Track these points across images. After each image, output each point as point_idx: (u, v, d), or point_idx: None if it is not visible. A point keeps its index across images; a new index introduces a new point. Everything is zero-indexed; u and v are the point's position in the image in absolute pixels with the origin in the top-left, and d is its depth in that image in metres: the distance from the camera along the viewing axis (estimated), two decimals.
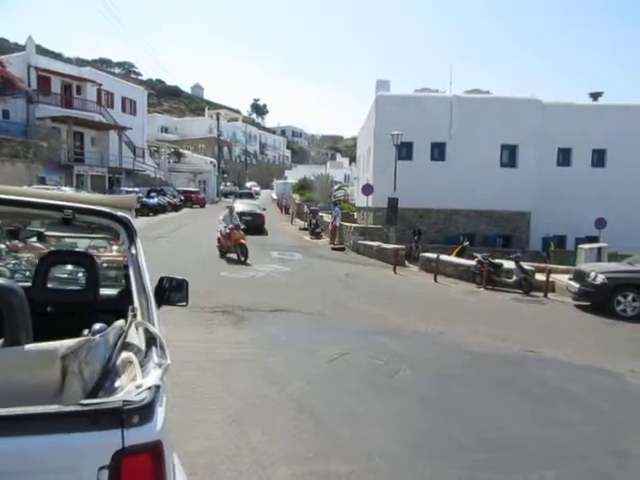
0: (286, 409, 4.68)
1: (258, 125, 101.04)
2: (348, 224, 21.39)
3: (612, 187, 22.34)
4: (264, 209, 27.11)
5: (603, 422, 4.92)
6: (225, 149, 70.18)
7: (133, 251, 2.24)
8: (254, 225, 21.97)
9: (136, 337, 1.71)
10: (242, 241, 14.36)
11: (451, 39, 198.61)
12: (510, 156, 23.24)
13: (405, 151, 22.75)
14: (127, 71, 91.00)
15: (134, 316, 1.86)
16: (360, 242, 18.82)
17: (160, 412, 1.41)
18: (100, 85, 37.28)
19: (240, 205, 25.22)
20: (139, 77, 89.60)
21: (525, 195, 22.43)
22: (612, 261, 13.97)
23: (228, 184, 59.41)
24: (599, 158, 23.65)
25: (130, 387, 1.40)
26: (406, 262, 17.11)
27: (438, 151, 23.44)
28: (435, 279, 13.89)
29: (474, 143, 22.26)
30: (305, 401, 4.88)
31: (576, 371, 6.63)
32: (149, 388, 1.40)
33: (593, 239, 19.77)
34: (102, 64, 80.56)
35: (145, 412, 1.35)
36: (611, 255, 15.31)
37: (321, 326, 8.02)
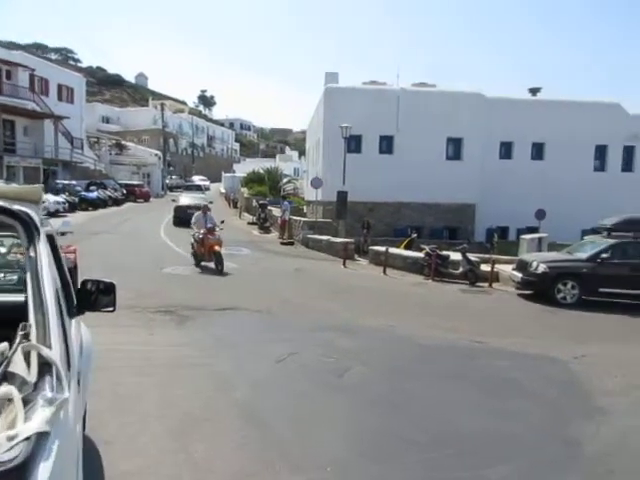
0: (231, 418, 4.38)
1: (205, 117, 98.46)
2: (297, 218, 21.13)
3: (550, 179, 23.34)
4: (211, 202, 26.68)
5: (552, 411, 4.96)
6: (171, 141, 67.91)
7: (32, 254, 1.81)
8: None
9: (22, 365, 1.31)
10: (217, 248, 11.93)
11: (401, 31, 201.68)
12: (455, 149, 23.75)
13: (354, 144, 22.73)
14: (65, 57, 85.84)
15: (24, 336, 1.44)
16: (309, 236, 18.62)
17: (44, 472, 1.03)
18: (33, 70, 34.80)
19: (186, 199, 25.40)
20: (78, 64, 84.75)
21: (470, 187, 23.01)
22: (552, 250, 14.50)
23: (174, 177, 57.59)
24: (538, 151, 24.65)
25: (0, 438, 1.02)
26: (356, 256, 17.07)
27: (386, 144, 23.59)
28: (384, 272, 13.91)
29: (421, 136, 22.55)
30: (252, 408, 4.60)
31: (523, 360, 6.71)
32: (27, 439, 1.02)
33: (533, 229, 20.53)
34: (37, 49, 75.53)
35: (16, 477, 0.96)
36: (550, 245, 15.89)
37: (269, 324, 7.75)
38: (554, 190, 22.83)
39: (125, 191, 36.10)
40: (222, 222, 13.59)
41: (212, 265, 12.11)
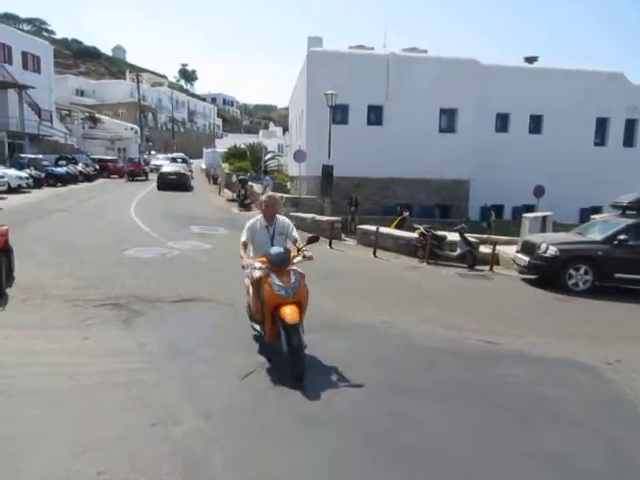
0: (164, 475, 3.01)
1: (186, 92, 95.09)
2: (280, 194, 19.59)
3: (548, 155, 22.06)
4: (190, 170, 32.42)
5: (609, 452, 3.68)
6: (149, 115, 65.25)
7: None
8: (179, 183, 27.34)
9: None
10: (290, 315, 4.48)
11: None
12: (449, 121, 22.28)
13: (340, 115, 21.13)
14: (38, 29, 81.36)
15: None
16: (293, 214, 17.11)
17: None
18: None
19: (167, 167, 30.29)
20: (52, 36, 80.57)
21: (464, 162, 21.65)
22: (556, 231, 13.29)
23: (153, 153, 55.18)
24: (536, 124, 23.30)
25: None
26: (343, 235, 15.74)
27: (375, 115, 21.99)
28: (374, 254, 12.58)
29: (412, 106, 21.01)
30: (198, 454, 3.24)
31: (548, 367, 5.45)
32: None
33: (530, 208, 19.34)
34: (8, 20, 71.15)
35: None
36: (554, 225, 14.71)
37: (240, 322, 6.32)
38: (552, 166, 21.60)
39: (98, 166, 34.02)
40: (314, 239, 5.23)
41: (186, 246, 10.57)
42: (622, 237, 9.80)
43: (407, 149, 20.88)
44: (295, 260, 4.89)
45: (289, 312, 4.42)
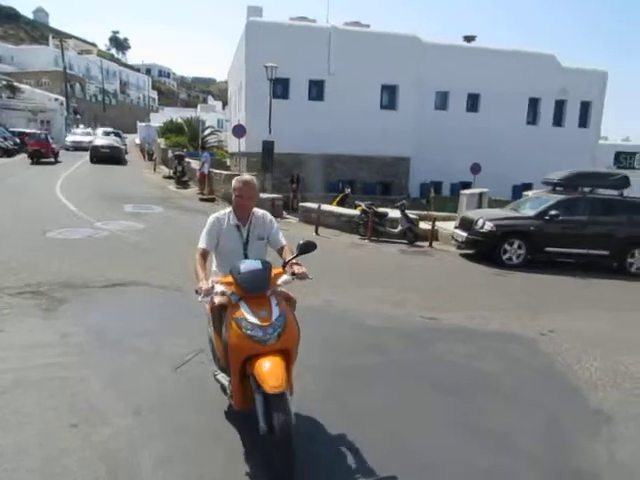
0: None
1: (118, 61, 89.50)
2: (219, 171, 18.93)
3: (484, 133, 22.68)
4: (124, 144, 31.85)
5: (543, 426, 3.75)
6: (77, 86, 60.89)
7: None
8: (112, 156, 27.24)
9: None
10: (275, 386, 2.67)
11: None
12: (390, 98, 22.28)
13: (281, 89, 20.57)
14: None
15: None
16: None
17: None
18: None
19: (99, 140, 30.15)
20: None
21: (405, 140, 21.82)
22: (491, 207, 13.72)
23: (82, 127, 51.73)
24: (473, 103, 23.82)
25: None
26: (285, 213, 15.48)
27: (317, 90, 21.59)
28: (317, 231, 12.45)
29: (354, 82, 20.81)
30: (125, 458, 2.96)
31: (486, 342, 5.56)
32: None
33: (467, 184, 19.89)
34: None
35: None
36: (489, 201, 15.17)
37: (176, 307, 5.99)
38: (487, 144, 22.25)
39: (19, 140, 31.34)
40: (310, 248, 3.35)
41: (117, 226, 9.89)
42: (553, 212, 10.23)
43: (349, 125, 20.73)
44: (280, 281, 3.08)
45: (269, 371, 2.68)
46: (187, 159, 22.13)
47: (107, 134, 35.83)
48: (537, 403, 4.12)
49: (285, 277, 3.12)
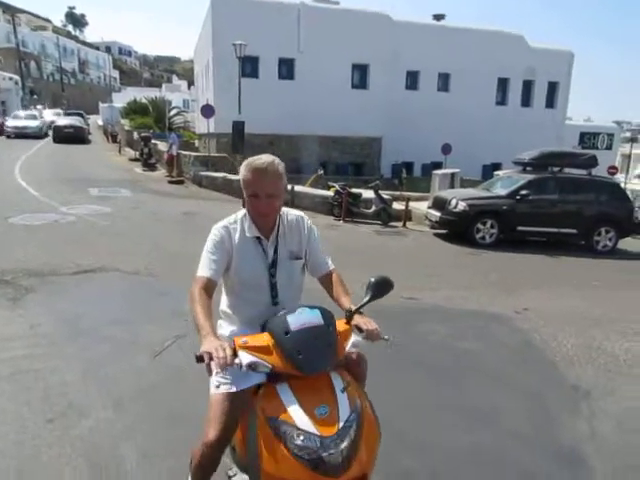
0: None
1: (76, 39, 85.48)
2: (187, 153, 18.43)
3: (454, 113, 22.79)
4: (87, 124, 31.71)
5: (526, 403, 3.81)
6: (32, 64, 58.00)
7: None
8: (75, 136, 27.15)
9: None
10: None
11: None
12: (361, 77, 22.07)
13: (250, 67, 20.08)
14: None
15: None
16: (202, 173, 16.23)
17: None
18: None
19: (62, 120, 30.07)
20: None
21: (376, 120, 21.72)
22: (463, 186, 13.85)
23: (39, 107, 49.38)
24: (444, 82, 23.87)
25: None
26: None
27: (287, 68, 21.17)
28: None
29: (324, 61, 20.49)
30: (107, 452, 2.83)
31: (464, 321, 5.62)
32: None
33: (438, 165, 20.03)
34: None
35: None
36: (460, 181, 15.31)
37: (150, 293, 5.80)
38: (458, 124, 22.39)
39: None
40: (386, 287, 2.17)
41: (83, 210, 9.50)
42: (524, 192, 10.40)
43: (320, 105, 20.47)
44: (348, 347, 1.95)
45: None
46: (154, 141, 21.45)
47: (68, 114, 34.62)
48: (518, 380, 4.18)
49: (355, 339, 1.96)
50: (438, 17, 25.50)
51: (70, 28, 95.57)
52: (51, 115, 34.71)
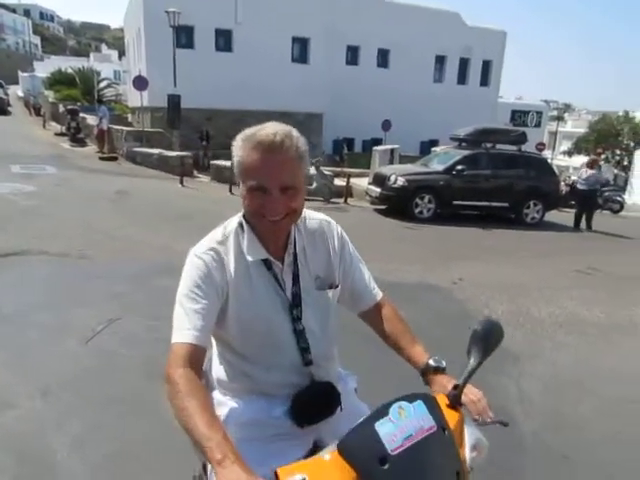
0: None
1: None
2: (120, 127, 17.50)
3: (394, 89, 23.01)
4: (7, 94, 30.46)
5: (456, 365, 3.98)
6: None
7: None
8: None
9: None
10: None
11: None
12: (302, 51, 21.72)
13: (185, 38, 19.22)
14: None
15: None
16: (136, 150, 15.50)
17: None
18: None
19: None
20: None
21: (317, 95, 21.53)
22: (402, 162, 14.11)
23: None
24: (384, 58, 23.97)
25: None
26: (195, 172, 14.81)
27: (224, 40, 20.42)
28: (231, 191, 12.03)
29: (263, 33, 19.94)
30: (36, 443, 2.67)
31: (407, 293, 5.76)
32: None
33: (378, 141, 20.25)
34: None
35: None
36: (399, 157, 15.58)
37: (80, 276, 5.50)
38: (397, 100, 22.66)
39: None
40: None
41: (3, 189, 8.80)
42: (459, 167, 10.74)
43: (260, 79, 19.99)
44: (469, 455, 1.10)
45: None
46: (82, 114, 20.17)
47: None
48: (456, 347, 4.36)
49: (472, 434, 1.16)
50: None
51: None
52: None
